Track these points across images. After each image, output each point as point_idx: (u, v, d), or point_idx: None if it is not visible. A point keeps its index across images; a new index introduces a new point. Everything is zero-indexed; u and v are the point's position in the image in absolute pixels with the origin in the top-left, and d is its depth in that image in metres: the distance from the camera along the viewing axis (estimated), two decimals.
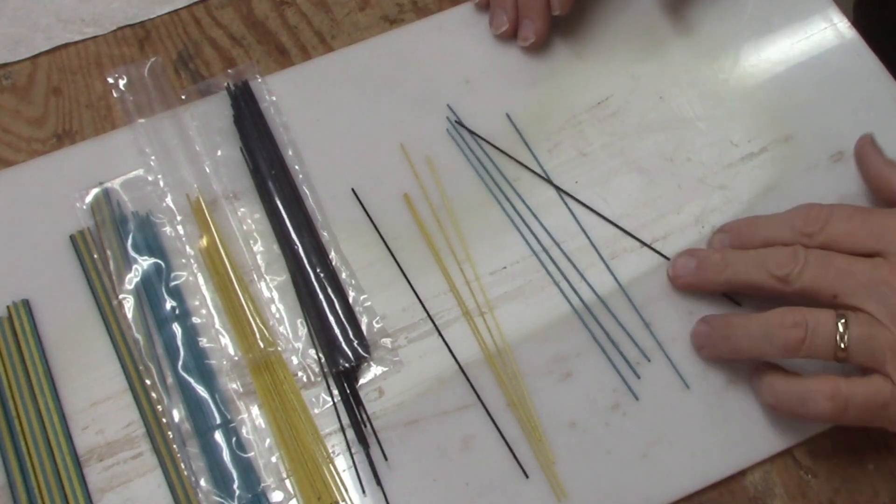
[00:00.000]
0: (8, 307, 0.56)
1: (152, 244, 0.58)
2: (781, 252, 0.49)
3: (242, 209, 0.59)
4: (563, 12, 0.61)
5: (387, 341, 0.55)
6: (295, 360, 0.55)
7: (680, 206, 0.58)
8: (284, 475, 0.52)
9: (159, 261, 0.57)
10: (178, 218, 0.58)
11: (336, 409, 0.53)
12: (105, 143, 0.61)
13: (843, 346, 0.46)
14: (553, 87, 0.63)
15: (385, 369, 0.54)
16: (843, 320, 0.46)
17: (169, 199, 0.59)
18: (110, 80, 0.63)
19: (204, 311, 0.56)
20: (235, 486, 0.51)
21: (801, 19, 0.64)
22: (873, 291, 0.46)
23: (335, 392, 0.54)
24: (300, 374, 0.54)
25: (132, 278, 0.56)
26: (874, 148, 0.55)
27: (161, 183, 0.59)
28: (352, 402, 0.53)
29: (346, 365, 0.54)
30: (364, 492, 0.51)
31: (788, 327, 0.47)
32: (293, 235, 0.58)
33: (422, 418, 0.53)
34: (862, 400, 0.46)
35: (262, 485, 0.51)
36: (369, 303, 0.56)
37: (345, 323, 0.55)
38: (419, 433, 0.53)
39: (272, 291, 0.57)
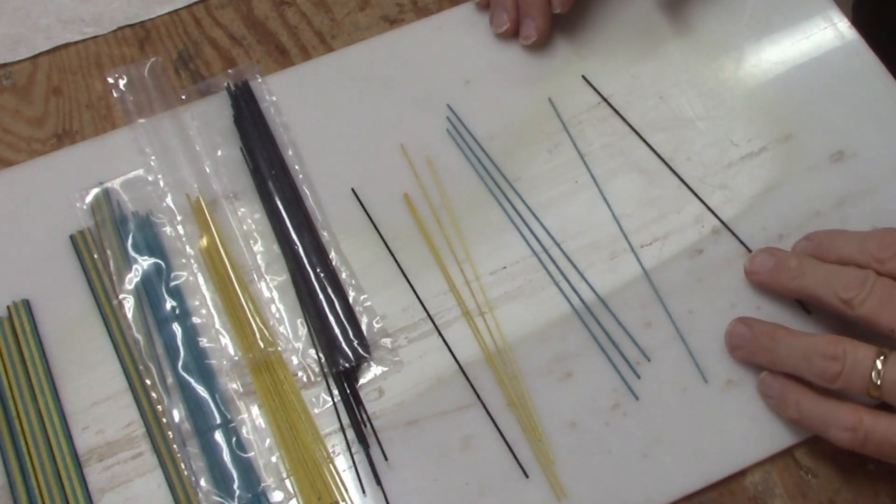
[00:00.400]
0: (8, 307, 0.56)
1: (152, 244, 0.58)
2: (852, 275, 0.49)
3: (242, 209, 0.59)
4: (563, 10, 0.61)
5: (387, 341, 0.55)
6: (295, 360, 0.55)
7: (680, 206, 0.58)
8: (284, 475, 0.52)
9: (159, 261, 0.57)
10: (179, 218, 0.58)
11: (336, 409, 0.53)
12: (105, 143, 0.61)
13: (877, 383, 0.46)
14: (553, 87, 0.63)
15: (385, 369, 0.54)
16: (881, 357, 0.46)
17: (169, 199, 0.59)
18: (110, 80, 0.63)
19: (204, 311, 0.56)
20: (235, 485, 0.51)
21: (801, 19, 0.64)
22: None
23: (335, 392, 0.54)
24: (300, 374, 0.54)
25: (132, 278, 0.56)
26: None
27: (161, 183, 0.59)
28: (352, 402, 0.53)
29: (346, 365, 0.54)
30: (364, 492, 0.51)
31: (828, 358, 0.47)
32: (293, 235, 0.58)
33: (422, 418, 0.53)
34: (881, 437, 0.46)
35: (263, 485, 0.51)
36: (369, 303, 0.56)
37: (345, 323, 0.55)
38: (419, 433, 0.53)
39: (272, 291, 0.57)
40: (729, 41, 0.64)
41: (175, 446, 0.52)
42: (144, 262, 0.57)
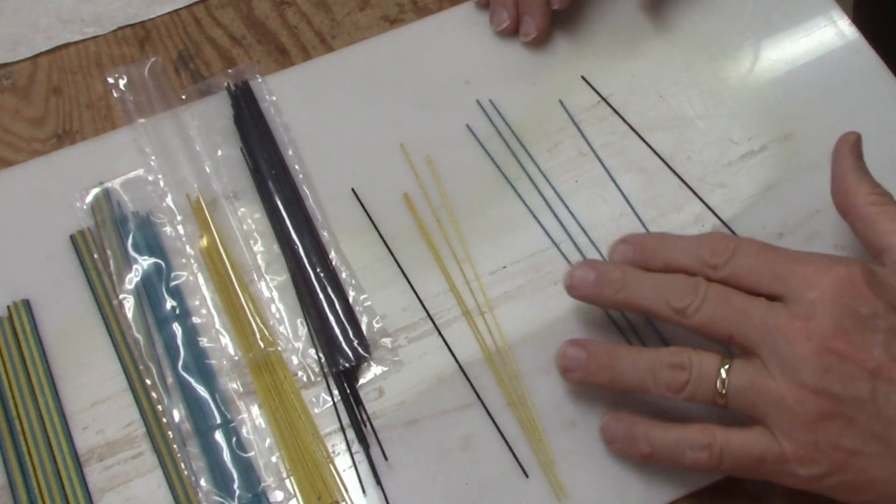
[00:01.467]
0: (8, 307, 0.56)
1: (152, 244, 0.58)
2: (682, 283, 0.47)
3: (242, 209, 0.59)
4: (562, 6, 0.61)
5: (387, 341, 0.55)
6: (295, 360, 0.55)
7: (680, 205, 0.58)
8: (285, 475, 0.52)
9: (159, 261, 0.57)
10: (179, 218, 0.58)
11: (336, 408, 0.53)
12: (105, 142, 0.61)
13: (722, 392, 0.45)
14: (553, 86, 0.63)
15: (385, 369, 0.54)
16: (727, 366, 0.45)
17: (169, 199, 0.59)
18: (110, 80, 0.63)
19: (204, 311, 0.56)
20: (235, 485, 0.51)
21: (802, 17, 0.64)
22: (767, 337, 0.44)
23: (335, 392, 0.54)
24: (300, 373, 0.54)
25: (132, 278, 0.56)
26: (853, 150, 0.52)
27: (161, 183, 0.60)
28: (352, 402, 0.53)
29: (346, 365, 0.54)
30: (364, 491, 0.51)
31: (675, 368, 0.46)
32: (293, 235, 0.58)
33: (422, 418, 0.53)
34: (736, 450, 0.45)
35: (263, 484, 0.51)
36: (369, 303, 0.56)
37: (345, 323, 0.55)
38: (419, 433, 0.53)
39: (272, 291, 0.57)
40: (729, 40, 0.64)
41: (175, 446, 0.52)
42: (144, 262, 0.57)
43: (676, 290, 0.47)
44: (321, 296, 0.56)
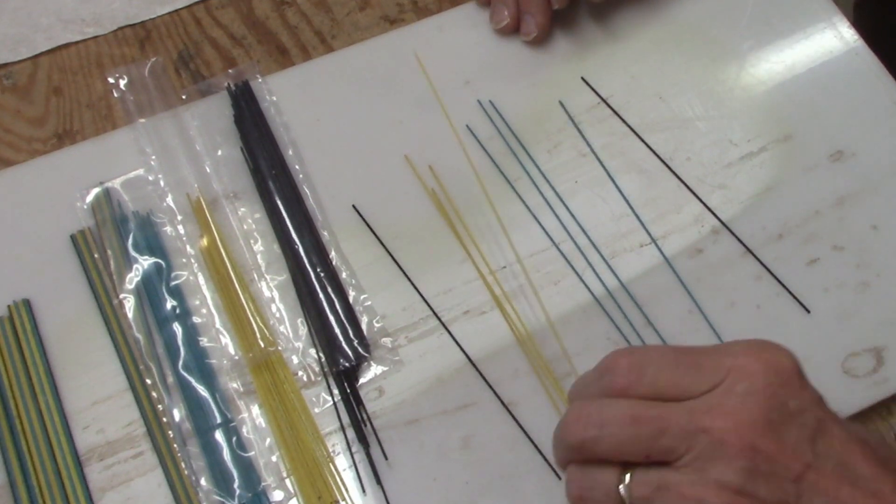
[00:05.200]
0: (9, 306, 0.56)
1: (153, 244, 0.58)
2: (573, 413, 0.42)
3: (243, 209, 0.59)
4: (562, 6, 0.61)
5: (387, 341, 0.55)
6: (295, 360, 0.55)
7: (680, 206, 0.58)
8: (285, 474, 0.52)
9: (160, 260, 0.57)
10: (179, 217, 0.59)
11: (336, 408, 0.53)
12: (106, 142, 0.61)
13: None
14: (553, 87, 0.63)
15: (385, 369, 0.54)
16: (629, 475, 0.41)
17: (169, 199, 0.59)
18: (111, 80, 0.63)
19: (204, 311, 0.56)
20: (236, 485, 0.51)
21: (801, 19, 0.64)
22: (688, 443, 0.40)
23: (335, 391, 0.54)
24: (300, 373, 0.54)
25: (133, 278, 0.56)
26: None
27: (161, 182, 0.60)
28: (352, 402, 0.53)
29: (347, 364, 0.54)
30: (364, 491, 0.51)
31: (574, 487, 0.43)
32: (293, 235, 0.58)
33: (422, 417, 0.53)
34: None
35: (263, 484, 0.51)
36: (369, 302, 0.56)
37: (345, 322, 0.55)
38: (419, 432, 0.53)
39: (272, 291, 0.57)
40: (728, 41, 0.64)
41: (175, 445, 0.52)
42: (145, 262, 0.57)
43: (570, 423, 0.42)
44: (321, 295, 0.56)
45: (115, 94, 0.63)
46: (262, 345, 0.55)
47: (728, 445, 0.39)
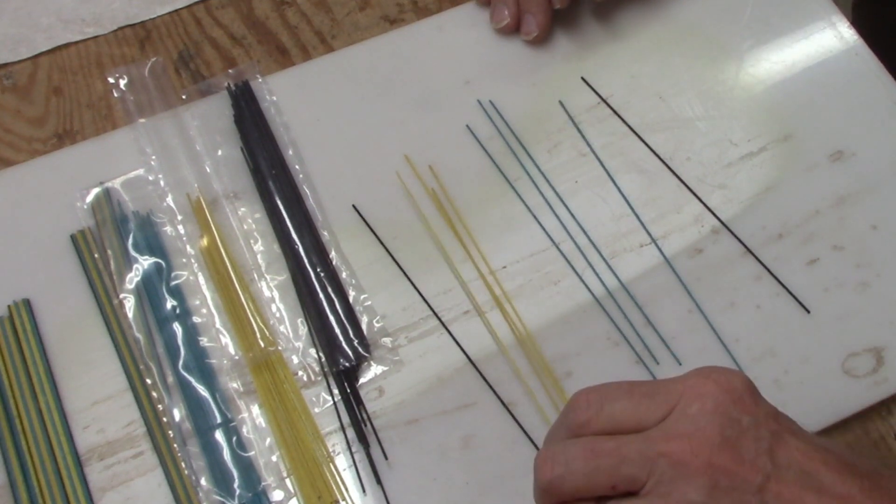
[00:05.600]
0: (9, 306, 0.56)
1: (153, 244, 0.58)
2: (542, 456, 0.42)
3: (243, 209, 0.59)
4: (563, 6, 0.61)
5: (387, 341, 0.55)
6: (295, 360, 0.55)
7: (680, 206, 0.58)
8: (285, 474, 0.52)
9: (160, 260, 0.57)
10: (179, 217, 0.59)
11: (336, 408, 0.53)
12: (106, 142, 0.61)
13: None
14: (553, 87, 0.63)
15: (385, 368, 0.54)
16: None
17: (169, 199, 0.59)
18: (111, 80, 0.64)
19: (204, 311, 0.56)
20: (236, 485, 0.51)
21: (801, 19, 0.64)
22: (649, 469, 0.40)
23: (335, 391, 0.54)
24: (300, 373, 0.54)
25: (133, 278, 0.56)
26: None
27: (162, 182, 0.60)
28: (352, 402, 0.53)
29: (347, 364, 0.54)
30: (364, 491, 0.51)
31: None
32: (293, 235, 0.58)
33: (422, 417, 0.53)
34: None
35: (263, 484, 0.51)
36: (369, 302, 0.56)
37: (345, 322, 0.55)
38: (419, 432, 0.53)
39: (272, 291, 0.57)
40: (728, 41, 0.64)
41: (175, 445, 0.52)
42: (145, 262, 0.57)
43: (538, 466, 0.42)
44: (321, 295, 0.56)
45: (115, 94, 0.63)
46: (262, 345, 0.55)
47: (686, 466, 0.40)
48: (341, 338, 0.55)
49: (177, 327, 0.55)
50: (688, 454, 0.40)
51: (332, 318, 0.55)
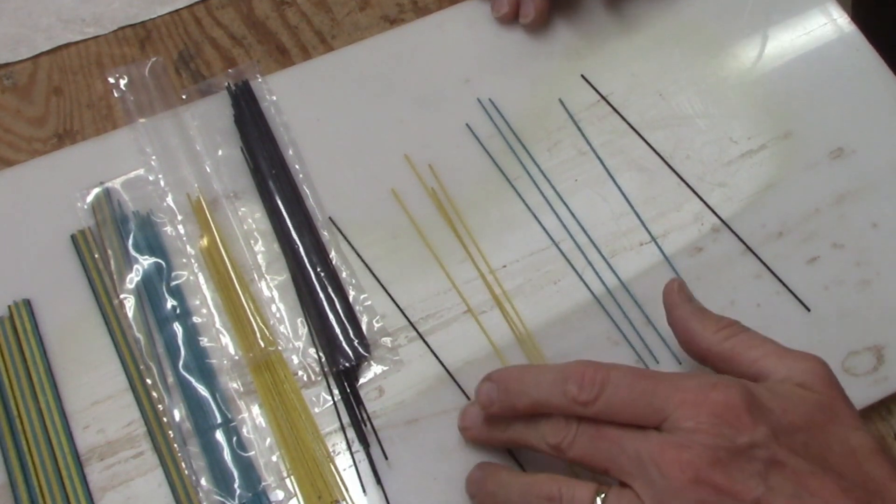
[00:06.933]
0: (9, 307, 0.56)
1: (153, 244, 0.58)
2: (553, 421, 0.45)
3: (243, 209, 0.59)
4: None
5: (387, 340, 0.55)
6: (295, 360, 0.55)
7: (680, 204, 0.58)
8: (285, 474, 0.52)
9: (160, 260, 0.57)
10: (179, 217, 0.59)
11: (336, 408, 0.53)
12: (106, 142, 0.61)
13: None
14: (553, 85, 0.63)
15: (385, 368, 0.54)
16: (602, 495, 0.43)
17: (170, 199, 0.59)
18: (111, 80, 0.64)
19: (204, 311, 0.56)
20: (236, 484, 0.51)
21: (801, 15, 0.64)
22: (641, 469, 0.42)
23: (335, 391, 0.54)
24: (300, 373, 0.54)
25: (133, 278, 0.57)
26: (682, 295, 0.49)
27: (162, 182, 0.60)
28: (352, 402, 0.53)
29: (347, 364, 0.54)
30: (364, 490, 0.51)
31: (544, 499, 0.44)
32: (293, 235, 0.58)
33: (422, 417, 0.53)
34: None
35: (263, 484, 0.51)
36: (369, 302, 0.56)
37: (345, 322, 0.55)
38: (419, 432, 0.53)
39: (272, 291, 0.57)
40: (728, 38, 0.64)
41: (176, 445, 0.52)
42: (145, 262, 0.57)
43: (550, 427, 0.45)
44: (321, 295, 0.56)
45: (116, 94, 0.63)
46: (263, 345, 0.55)
47: (675, 480, 0.40)
48: (341, 338, 0.55)
49: (177, 327, 0.55)
50: (677, 469, 0.40)
51: (332, 317, 0.55)
